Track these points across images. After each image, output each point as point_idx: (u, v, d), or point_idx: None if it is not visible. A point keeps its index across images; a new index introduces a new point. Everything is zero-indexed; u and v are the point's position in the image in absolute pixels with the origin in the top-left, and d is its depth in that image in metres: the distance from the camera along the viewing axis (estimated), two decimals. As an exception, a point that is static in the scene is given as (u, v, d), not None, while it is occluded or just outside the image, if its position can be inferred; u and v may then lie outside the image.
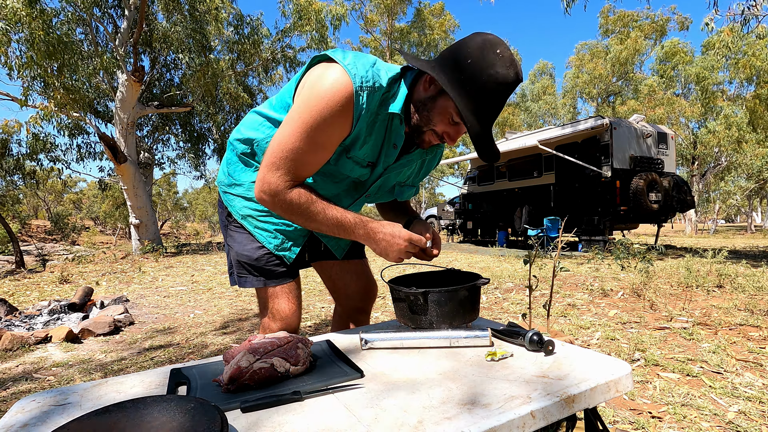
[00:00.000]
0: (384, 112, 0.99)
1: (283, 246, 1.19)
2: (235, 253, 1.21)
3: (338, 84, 0.90)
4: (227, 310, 3.90)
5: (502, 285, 4.48)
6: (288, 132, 0.94)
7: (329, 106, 0.91)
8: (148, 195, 9.94)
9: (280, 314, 1.20)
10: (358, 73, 0.92)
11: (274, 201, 0.98)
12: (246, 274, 1.20)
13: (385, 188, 1.20)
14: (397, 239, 1.00)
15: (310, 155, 0.96)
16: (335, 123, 0.94)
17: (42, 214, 32.75)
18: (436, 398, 0.72)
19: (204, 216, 40.86)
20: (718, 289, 3.78)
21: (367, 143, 1.03)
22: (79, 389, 0.83)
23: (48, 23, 7.01)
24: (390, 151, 1.08)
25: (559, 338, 1.77)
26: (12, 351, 2.75)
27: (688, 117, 20.84)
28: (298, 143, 0.94)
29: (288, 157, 0.95)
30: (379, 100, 0.97)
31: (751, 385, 1.85)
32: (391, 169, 1.13)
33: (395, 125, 1.03)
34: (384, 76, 0.97)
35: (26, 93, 8.10)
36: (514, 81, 0.92)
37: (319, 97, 0.91)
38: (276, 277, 1.20)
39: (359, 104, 0.93)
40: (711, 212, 28.96)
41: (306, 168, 0.98)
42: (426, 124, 1.00)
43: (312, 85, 0.94)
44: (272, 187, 0.97)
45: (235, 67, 11.54)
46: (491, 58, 0.90)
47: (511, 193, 10.54)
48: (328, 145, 0.98)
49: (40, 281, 6.09)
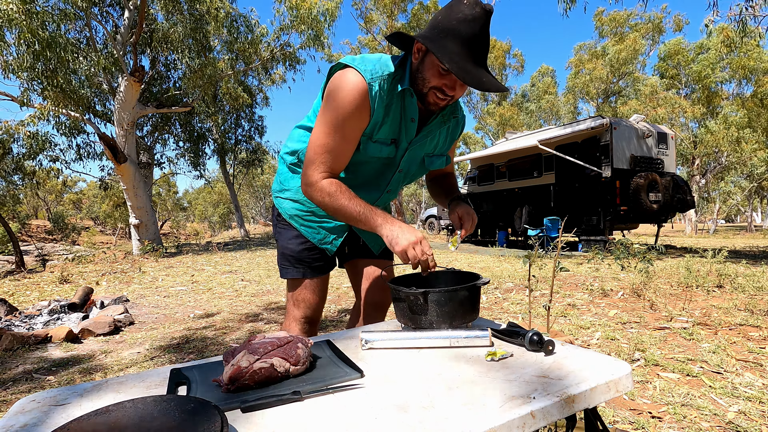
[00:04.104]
0: (396, 93, 1.13)
1: (325, 240, 1.37)
2: (281, 246, 1.41)
3: (353, 83, 1.06)
4: (227, 310, 3.90)
5: (502, 285, 4.48)
6: (317, 132, 1.12)
7: (348, 102, 1.07)
8: (148, 195, 9.94)
9: (305, 303, 1.38)
10: (367, 68, 1.07)
11: (312, 191, 1.14)
12: (288, 265, 1.39)
13: (415, 161, 1.30)
14: (413, 232, 1.09)
15: (338, 147, 1.12)
16: (355, 115, 1.09)
17: (42, 214, 32.75)
18: (436, 398, 0.72)
19: (204, 216, 40.85)
20: (718, 289, 3.78)
21: (385, 124, 1.16)
22: (79, 389, 0.83)
23: (41, 24, 6.98)
24: (409, 125, 1.19)
25: (559, 338, 1.77)
26: (12, 351, 2.75)
27: (688, 117, 20.84)
28: (327, 139, 1.10)
29: (320, 152, 1.11)
30: (390, 84, 1.11)
31: (751, 385, 1.85)
32: (415, 142, 1.23)
33: (408, 100, 1.15)
34: (390, 64, 1.12)
35: (26, 93, 8.10)
36: (482, 14, 1.02)
37: (339, 97, 1.08)
38: (312, 269, 1.38)
39: (373, 94, 1.08)
40: (711, 212, 28.96)
41: (338, 159, 1.13)
42: (424, 86, 1.09)
43: (331, 91, 1.10)
44: (310, 179, 1.13)
45: (235, 67, 11.53)
46: (458, 7, 1.02)
47: (511, 193, 10.54)
48: (352, 136, 1.12)
49: (40, 281, 6.09)
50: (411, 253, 1.05)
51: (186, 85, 10.31)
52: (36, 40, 6.86)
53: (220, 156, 16.76)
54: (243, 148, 17.73)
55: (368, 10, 21.70)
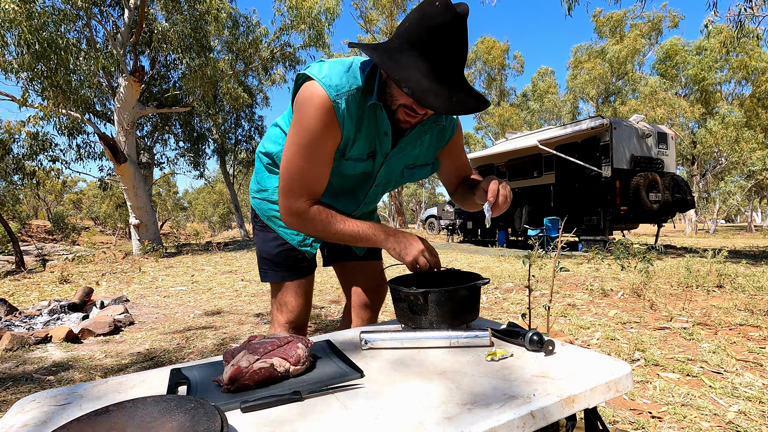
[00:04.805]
0: (368, 106, 1.04)
1: (305, 242, 1.30)
2: (259, 249, 1.35)
3: (317, 101, 0.98)
4: (227, 310, 3.90)
5: (502, 285, 4.48)
6: (290, 154, 1.04)
7: (315, 124, 0.99)
8: (148, 195, 9.95)
9: (287, 307, 1.32)
10: (332, 83, 0.98)
11: (299, 221, 1.09)
12: (267, 269, 1.33)
13: (394, 175, 1.23)
14: (416, 241, 1.08)
15: (313, 171, 1.06)
16: (324, 136, 1.01)
17: (42, 214, 32.75)
18: (436, 398, 0.72)
19: (204, 216, 40.83)
20: (718, 289, 3.78)
21: (359, 140, 1.08)
22: (79, 389, 0.83)
23: (41, 24, 6.98)
24: (384, 140, 1.11)
25: (559, 338, 1.77)
26: (12, 351, 2.75)
27: (688, 117, 20.85)
28: (301, 163, 1.04)
29: (297, 179, 1.05)
30: (360, 98, 1.02)
31: (751, 385, 1.85)
32: (391, 156, 1.16)
33: (380, 114, 1.06)
34: (360, 76, 1.02)
35: (25, 93, 8.10)
36: (455, 19, 0.88)
37: (305, 118, 1.00)
38: (293, 271, 1.31)
39: (340, 112, 0.99)
40: (711, 212, 28.95)
41: (315, 183, 1.08)
42: (393, 102, 1.02)
43: (298, 109, 1.02)
44: (295, 209, 1.08)
45: (235, 67, 11.53)
46: (428, 10, 0.88)
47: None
48: (325, 157, 1.06)
49: (40, 281, 6.09)
50: (422, 261, 1.07)
51: (186, 85, 10.31)
52: (36, 40, 6.86)
53: (220, 156, 16.77)
54: (243, 148, 17.77)
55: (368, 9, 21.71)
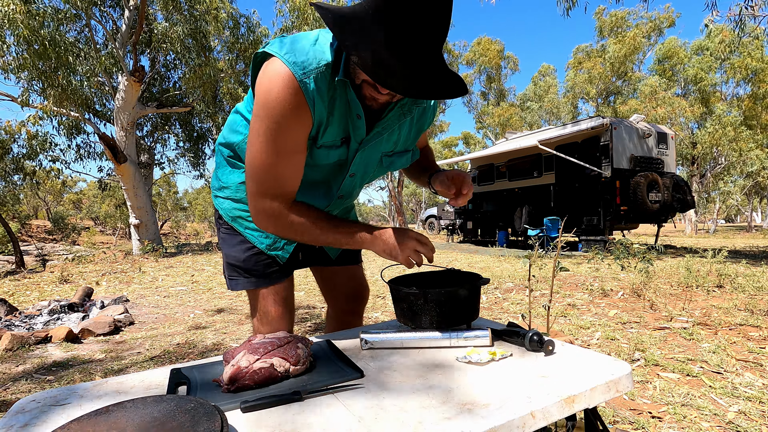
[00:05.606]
0: (336, 84, 0.90)
1: (275, 245, 1.15)
2: (225, 254, 1.19)
3: (281, 82, 0.84)
4: (227, 310, 3.90)
5: (502, 285, 4.48)
6: (256, 147, 0.91)
7: (280, 110, 0.86)
8: (148, 195, 9.95)
9: (267, 317, 1.17)
10: (297, 60, 0.84)
11: (275, 225, 0.98)
12: (236, 276, 1.17)
13: (371, 164, 1.09)
14: (405, 237, 0.98)
15: (284, 165, 0.93)
16: (293, 123, 0.88)
17: (42, 214, 32.74)
18: (436, 398, 0.72)
19: (204, 216, 40.82)
20: (718, 289, 3.78)
21: (332, 124, 0.95)
22: (79, 389, 0.84)
23: (41, 24, 6.99)
24: (357, 123, 0.96)
25: (559, 338, 1.77)
26: (12, 351, 2.75)
27: (688, 117, 20.85)
28: (268, 158, 0.90)
29: (265, 176, 0.92)
30: (329, 76, 0.88)
31: (751, 385, 1.85)
32: (367, 142, 1.01)
33: (350, 93, 0.91)
34: (329, 50, 0.88)
35: (26, 94, 8.11)
36: None
37: (268, 105, 0.86)
38: (265, 277, 1.16)
39: (309, 92, 0.86)
40: (711, 212, 28.95)
41: (288, 179, 0.95)
42: (357, 77, 0.87)
43: (259, 92, 0.88)
44: (269, 211, 0.96)
45: (235, 67, 11.53)
46: None
47: (511, 193, 10.55)
48: (297, 147, 0.93)
49: (40, 281, 6.09)
50: (416, 258, 0.99)
51: (186, 85, 10.31)
52: (36, 40, 6.87)
53: (220, 156, 16.74)
54: (243, 149, 17.75)
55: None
